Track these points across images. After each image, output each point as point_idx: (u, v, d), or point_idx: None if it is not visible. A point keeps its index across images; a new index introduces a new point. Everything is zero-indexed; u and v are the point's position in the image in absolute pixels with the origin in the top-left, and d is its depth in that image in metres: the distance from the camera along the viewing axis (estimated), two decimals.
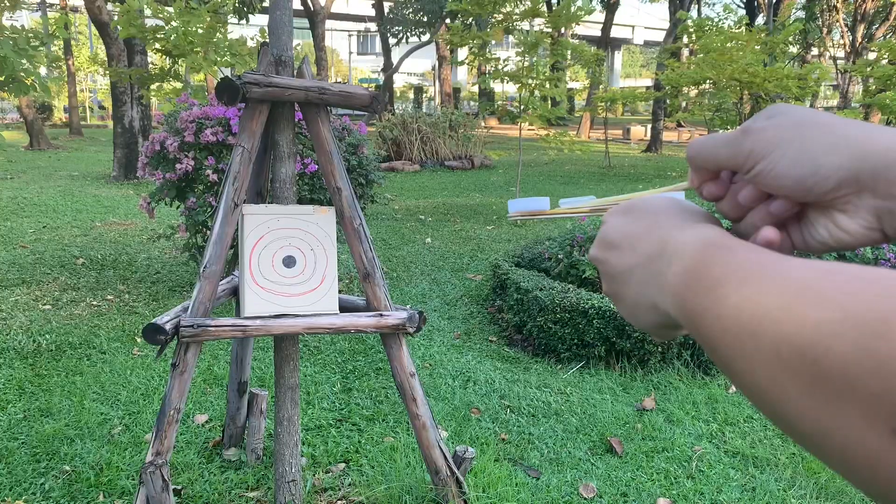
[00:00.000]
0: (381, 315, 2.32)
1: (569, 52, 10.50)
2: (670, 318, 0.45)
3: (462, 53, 32.04)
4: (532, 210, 0.66)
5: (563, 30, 22.56)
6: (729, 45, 9.09)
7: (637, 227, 0.50)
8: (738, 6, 22.73)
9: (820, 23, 30.91)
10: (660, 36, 38.41)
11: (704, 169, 0.50)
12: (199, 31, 4.58)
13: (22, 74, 4.89)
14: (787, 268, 0.36)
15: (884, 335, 0.29)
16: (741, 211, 0.50)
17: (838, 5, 28.84)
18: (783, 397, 0.34)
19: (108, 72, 7.39)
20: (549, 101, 9.58)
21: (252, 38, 5.26)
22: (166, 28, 4.70)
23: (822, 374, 0.31)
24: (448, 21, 8.87)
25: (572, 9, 8.47)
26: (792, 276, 0.35)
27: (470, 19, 10.57)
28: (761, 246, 0.45)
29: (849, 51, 28.54)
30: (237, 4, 16.56)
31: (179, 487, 2.66)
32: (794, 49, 26.61)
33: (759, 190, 0.47)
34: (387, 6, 28.79)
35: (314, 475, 2.77)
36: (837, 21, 29.89)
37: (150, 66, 11.24)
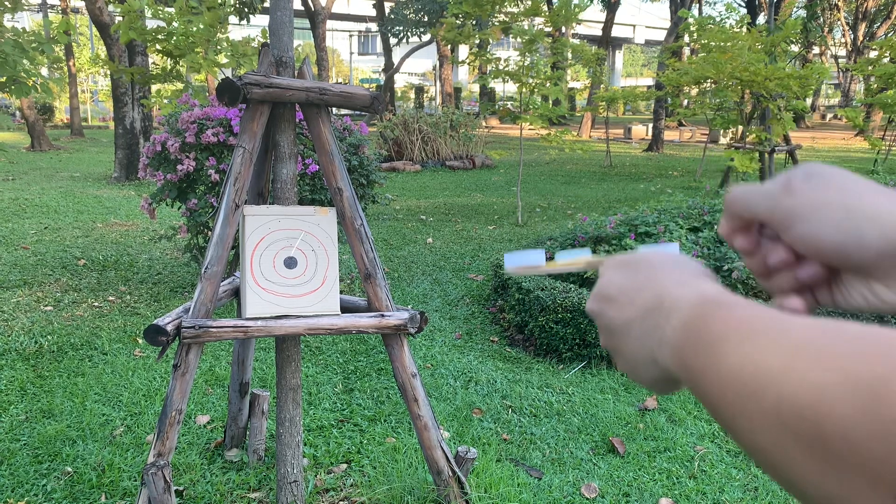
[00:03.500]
0: (383, 316, 2.32)
1: (569, 51, 10.48)
2: (670, 374, 0.45)
3: (463, 53, 32.03)
4: (529, 265, 0.65)
5: (563, 29, 22.53)
6: (729, 43, 9.07)
7: (634, 281, 0.50)
8: (740, 5, 22.71)
9: (821, 21, 30.87)
10: (661, 35, 38.40)
11: (739, 217, 0.50)
12: (200, 28, 4.57)
13: (23, 75, 4.89)
14: (788, 326, 0.36)
15: (884, 398, 0.29)
16: (769, 271, 0.49)
17: (839, 4, 28.81)
18: (786, 459, 0.33)
19: (107, 66, 7.36)
20: (550, 101, 9.56)
21: (253, 39, 5.25)
22: (167, 28, 4.70)
23: (824, 437, 0.31)
24: (451, 19, 8.85)
25: (571, 7, 8.45)
26: (792, 335, 0.35)
27: (472, 20, 10.57)
28: None
29: (850, 49, 28.52)
30: (237, 5, 16.57)
31: (181, 488, 2.66)
32: (795, 48, 26.57)
33: (790, 252, 0.47)
34: (387, 6, 28.80)
35: (316, 476, 2.77)
36: (838, 19, 29.87)
37: (152, 65, 11.24)
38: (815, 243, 0.44)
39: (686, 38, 12.34)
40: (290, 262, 2.23)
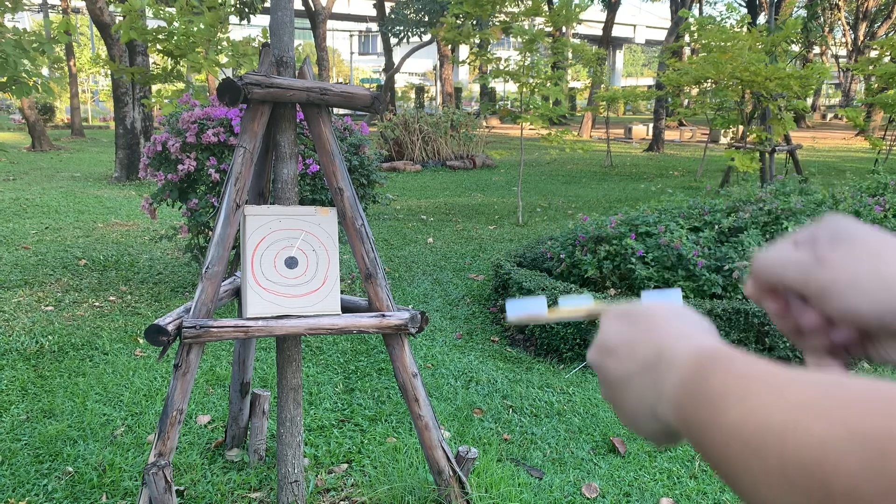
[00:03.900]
0: (383, 315, 2.32)
1: (569, 50, 10.48)
2: (671, 428, 0.44)
3: (464, 53, 32.02)
4: (531, 314, 0.66)
5: (564, 29, 22.52)
6: (730, 43, 9.07)
7: (634, 334, 0.50)
8: (740, 5, 22.70)
9: (822, 21, 30.86)
10: (661, 35, 38.39)
11: (767, 283, 0.49)
12: (201, 28, 4.58)
13: (24, 75, 4.89)
14: (790, 380, 0.36)
15: (891, 454, 0.29)
16: (801, 332, 0.49)
17: (840, 4, 28.80)
18: None
19: (108, 66, 7.36)
20: (551, 101, 9.56)
21: (254, 39, 5.25)
22: (168, 28, 4.70)
23: (830, 494, 0.30)
24: (450, 19, 8.83)
25: (571, 7, 8.45)
26: (795, 390, 0.35)
27: (473, 21, 10.56)
28: None
29: (851, 49, 28.51)
30: (238, 5, 16.57)
31: (182, 488, 2.66)
32: (795, 48, 26.55)
33: (823, 315, 0.46)
34: (388, 6, 28.79)
35: (317, 476, 2.77)
36: (839, 19, 29.86)
37: (153, 65, 11.25)
38: (852, 315, 0.43)
39: (686, 38, 12.34)
40: (291, 262, 2.23)
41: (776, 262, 0.48)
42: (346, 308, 2.35)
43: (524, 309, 0.66)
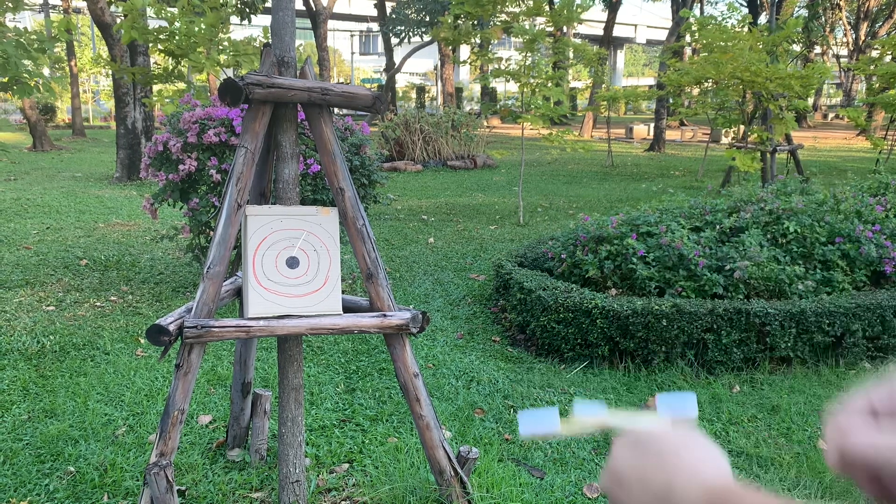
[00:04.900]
0: (385, 315, 2.32)
1: (570, 50, 10.48)
2: None
3: (465, 53, 32.00)
4: (545, 430, 0.65)
5: (565, 28, 22.51)
6: (730, 43, 9.06)
7: (644, 466, 0.50)
8: (742, 5, 22.67)
9: (823, 21, 30.83)
10: (662, 35, 38.36)
11: (863, 468, 0.47)
12: (202, 28, 4.58)
13: (25, 75, 4.89)
14: None
15: None
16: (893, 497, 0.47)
17: (841, 3, 28.77)
18: None
19: (109, 66, 7.38)
20: (552, 101, 9.55)
21: (255, 39, 5.26)
22: (170, 28, 4.71)
23: None
24: (450, 19, 8.84)
25: (572, 7, 8.45)
26: None
27: (474, 21, 10.56)
28: None
29: (852, 48, 28.49)
30: (239, 5, 16.57)
31: (183, 488, 2.67)
32: (796, 48, 26.53)
33: None
34: (389, 6, 28.79)
35: (318, 475, 2.77)
36: (840, 19, 29.83)
37: (154, 65, 11.25)
38: None
39: (687, 38, 12.33)
40: (293, 262, 2.23)
41: (868, 448, 0.46)
42: (348, 308, 2.35)
43: (537, 424, 0.65)
